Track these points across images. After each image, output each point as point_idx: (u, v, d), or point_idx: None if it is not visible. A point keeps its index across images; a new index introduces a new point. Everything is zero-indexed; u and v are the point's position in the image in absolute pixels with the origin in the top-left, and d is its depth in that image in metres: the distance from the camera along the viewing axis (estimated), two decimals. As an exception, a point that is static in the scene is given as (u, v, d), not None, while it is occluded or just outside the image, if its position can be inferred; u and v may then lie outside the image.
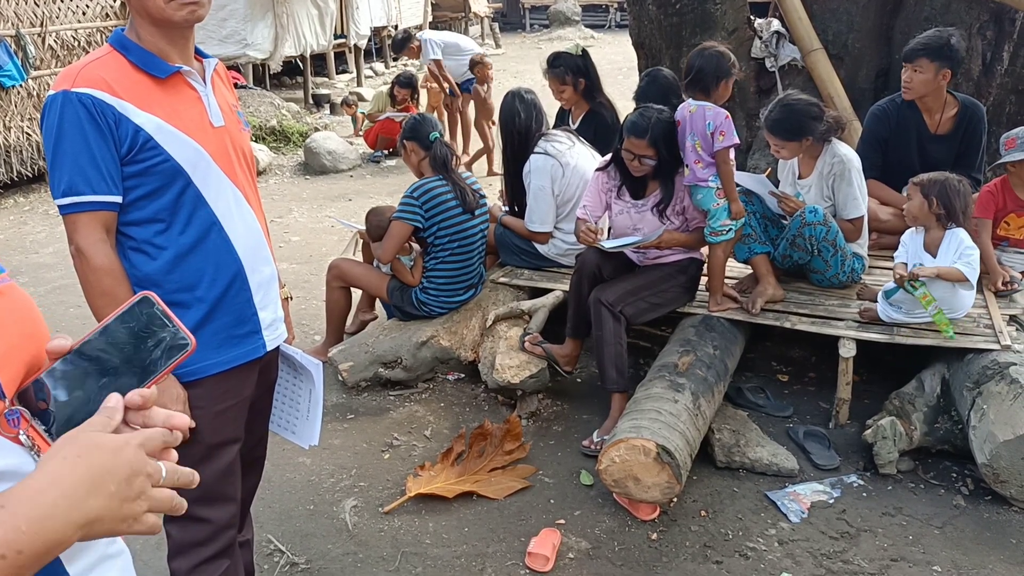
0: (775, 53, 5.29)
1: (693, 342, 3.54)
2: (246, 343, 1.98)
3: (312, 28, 12.71)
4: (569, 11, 23.21)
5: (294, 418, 2.29)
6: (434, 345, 3.97)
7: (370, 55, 16.32)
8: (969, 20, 4.77)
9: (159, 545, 2.86)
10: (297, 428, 2.29)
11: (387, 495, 3.21)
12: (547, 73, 4.70)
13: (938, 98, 4.09)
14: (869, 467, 3.28)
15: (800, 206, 3.74)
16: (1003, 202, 3.84)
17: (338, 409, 3.86)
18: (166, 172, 1.81)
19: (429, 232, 3.95)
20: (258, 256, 1.99)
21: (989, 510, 3.04)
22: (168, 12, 1.76)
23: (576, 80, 4.66)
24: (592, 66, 4.74)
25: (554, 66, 4.67)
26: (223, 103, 1.95)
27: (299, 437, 2.29)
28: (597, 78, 4.76)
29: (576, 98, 4.73)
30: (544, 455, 3.46)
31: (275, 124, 9.85)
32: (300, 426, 2.28)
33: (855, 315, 3.63)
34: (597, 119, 4.71)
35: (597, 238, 3.56)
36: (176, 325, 0.92)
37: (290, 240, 6.63)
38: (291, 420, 2.30)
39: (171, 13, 1.77)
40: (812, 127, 3.67)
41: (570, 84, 4.66)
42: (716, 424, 3.36)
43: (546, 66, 4.71)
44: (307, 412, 2.27)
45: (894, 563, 2.77)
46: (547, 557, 2.76)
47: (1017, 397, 3.00)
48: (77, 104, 1.72)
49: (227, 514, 2.05)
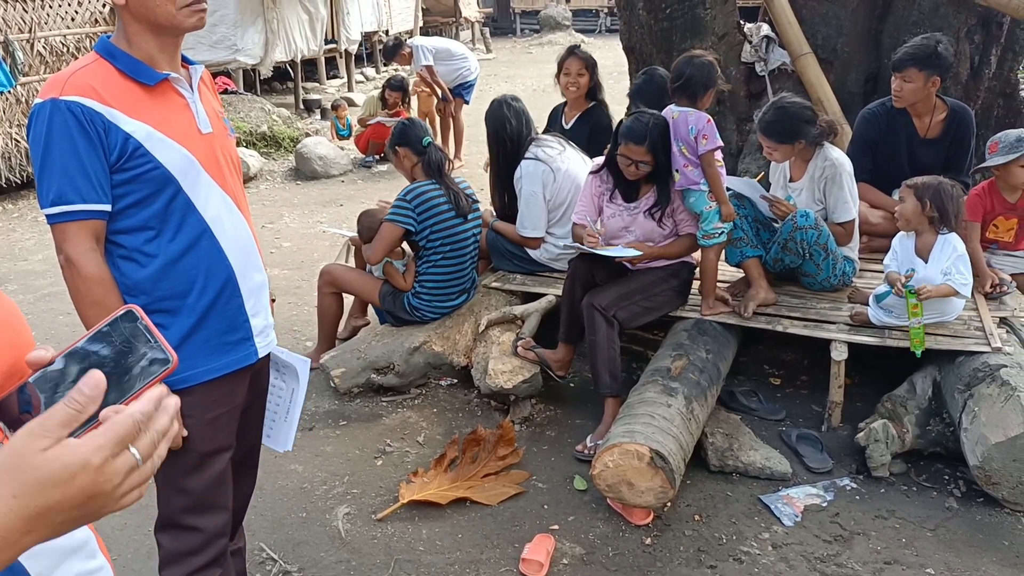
0: (765, 58, 5.31)
1: (686, 346, 3.54)
2: (238, 350, 1.97)
3: (303, 33, 12.70)
4: (560, 16, 23.30)
5: (271, 420, 2.25)
6: (427, 350, 3.97)
7: (361, 60, 16.32)
8: (957, 24, 4.80)
9: (150, 554, 2.84)
10: (273, 431, 2.25)
11: (380, 502, 3.19)
12: (570, 58, 4.74)
13: (928, 103, 4.12)
14: (862, 470, 3.28)
15: (791, 210, 3.75)
16: (991, 205, 3.86)
17: (330, 415, 3.84)
18: (156, 179, 1.80)
19: (421, 236, 3.95)
20: (249, 262, 1.98)
21: (981, 512, 3.05)
22: (179, 19, 1.77)
23: (592, 73, 4.76)
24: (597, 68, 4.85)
25: (579, 52, 4.78)
26: (210, 110, 1.94)
27: (273, 441, 2.25)
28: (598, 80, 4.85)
29: (584, 91, 4.78)
30: (537, 460, 3.45)
31: (266, 129, 9.83)
32: (276, 429, 2.25)
33: (846, 318, 3.64)
34: (593, 120, 4.75)
35: (599, 242, 3.54)
36: (159, 341, 0.90)
37: (281, 246, 6.62)
38: (268, 422, 2.26)
39: (182, 20, 1.77)
40: (805, 130, 3.69)
41: (588, 74, 4.74)
42: (709, 428, 3.36)
43: (567, 54, 4.79)
44: (285, 415, 2.23)
45: (888, 566, 2.77)
46: (541, 563, 2.76)
47: (1008, 399, 3.01)
48: (66, 112, 1.71)
49: (218, 523, 2.04)
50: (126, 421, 0.75)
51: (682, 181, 3.54)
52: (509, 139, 4.19)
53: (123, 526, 3.05)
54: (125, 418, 0.76)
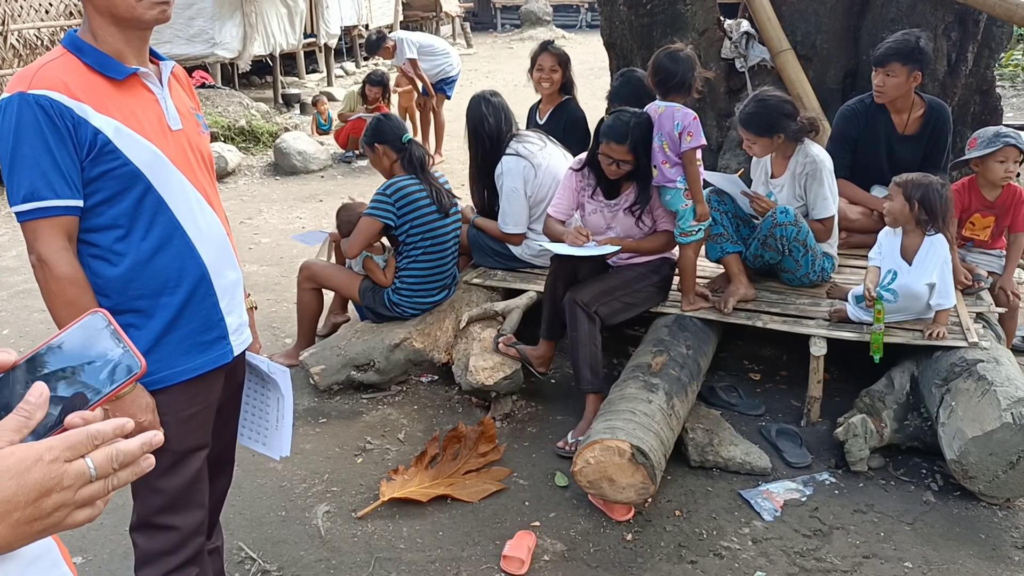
0: (745, 54, 5.32)
1: (666, 342, 3.55)
2: (213, 349, 1.95)
3: (281, 27, 12.60)
4: (540, 11, 23.27)
5: (264, 429, 2.25)
6: (407, 347, 3.95)
7: (341, 54, 16.22)
8: (934, 21, 4.83)
9: (126, 555, 2.81)
10: (268, 440, 2.25)
11: (360, 500, 3.18)
12: (543, 54, 4.79)
13: (907, 99, 4.14)
14: (841, 464, 3.30)
15: (771, 206, 3.76)
16: (968, 202, 3.88)
17: (310, 413, 3.82)
18: (125, 176, 1.76)
19: (401, 231, 3.92)
20: (222, 260, 1.95)
21: (958, 505, 3.07)
22: (139, 11, 1.73)
23: (565, 69, 4.81)
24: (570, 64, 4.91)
25: (553, 49, 4.83)
26: (181, 106, 1.91)
27: (269, 448, 2.25)
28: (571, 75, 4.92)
29: (557, 87, 4.82)
30: (519, 457, 3.44)
31: (244, 124, 9.73)
32: (270, 437, 2.24)
33: (825, 314, 3.66)
34: (567, 113, 4.80)
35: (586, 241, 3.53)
36: (126, 345, 0.89)
37: (260, 242, 6.56)
38: (260, 432, 2.26)
39: (141, 12, 1.73)
40: (785, 124, 3.70)
41: (561, 70, 4.80)
42: (690, 424, 3.37)
43: (540, 49, 4.84)
44: (276, 422, 2.22)
45: (866, 560, 2.79)
46: (522, 560, 2.75)
47: (984, 394, 3.04)
48: (35, 107, 1.67)
49: (195, 521, 2.02)
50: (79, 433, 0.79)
51: (658, 178, 3.54)
52: (488, 135, 4.17)
53: (99, 526, 3.01)
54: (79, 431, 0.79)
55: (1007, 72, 11.59)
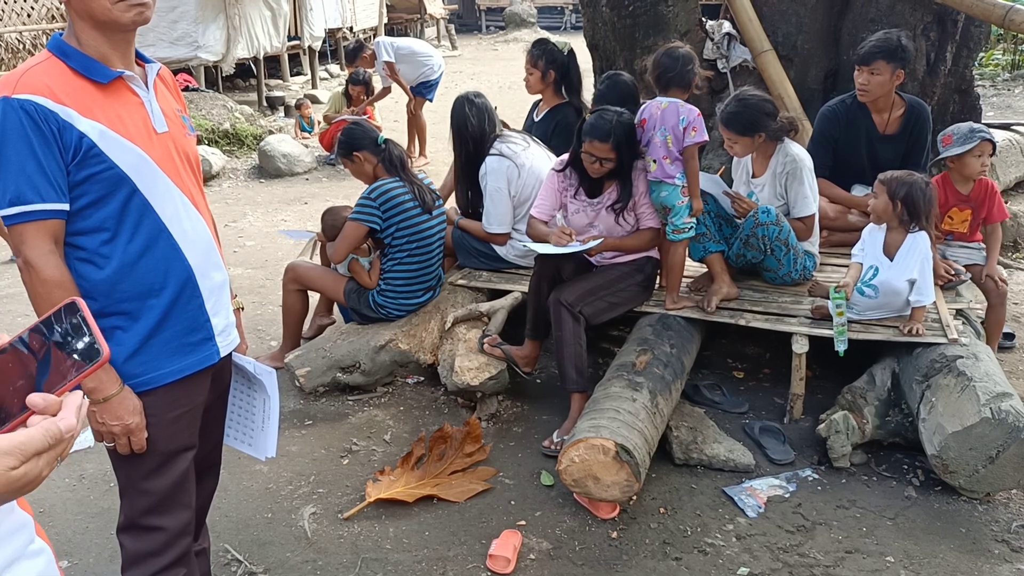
0: (727, 54, 5.36)
1: (650, 341, 3.57)
2: (199, 350, 1.95)
3: (265, 29, 12.56)
4: (525, 13, 23.31)
5: (249, 430, 2.25)
6: (392, 348, 3.95)
7: (325, 57, 16.18)
8: (913, 21, 4.89)
9: (113, 557, 2.81)
10: (253, 440, 2.25)
11: (346, 501, 3.18)
12: (526, 55, 4.74)
13: (888, 98, 4.18)
14: (823, 461, 3.33)
15: (753, 207, 3.80)
16: (944, 198, 3.94)
17: (296, 415, 3.82)
18: (110, 180, 1.77)
19: (387, 233, 3.93)
20: (208, 262, 1.96)
21: (939, 500, 3.11)
22: (115, 14, 1.72)
23: (547, 70, 4.65)
24: (573, 66, 4.70)
25: (533, 47, 4.72)
26: (167, 108, 1.92)
27: (255, 449, 2.25)
28: (577, 79, 4.73)
29: (541, 87, 4.72)
30: (504, 457, 3.46)
31: (228, 127, 9.70)
32: (256, 438, 2.25)
33: (807, 312, 3.69)
34: (560, 116, 4.72)
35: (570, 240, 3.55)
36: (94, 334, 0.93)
37: (245, 245, 6.55)
38: (246, 432, 2.26)
39: (118, 15, 1.73)
40: (766, 123, 3.73)
41: (539, 71, 4.64)
42: (674, 421, 3.39)
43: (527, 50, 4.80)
44: (262, 423, 2.23)
45: (849, 555, 2.82)
46: (508, 559, 2.77)
47: (964, 390, 3.07)
48: (19, 111, 1.68)
49: (181, 522, 2.02)
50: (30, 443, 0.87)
51: (658, 172, 3.55)
52: (471, 136, 4.18)
53: (85, 529, 3.00)
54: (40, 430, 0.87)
55: (987, 72, 11.70)
